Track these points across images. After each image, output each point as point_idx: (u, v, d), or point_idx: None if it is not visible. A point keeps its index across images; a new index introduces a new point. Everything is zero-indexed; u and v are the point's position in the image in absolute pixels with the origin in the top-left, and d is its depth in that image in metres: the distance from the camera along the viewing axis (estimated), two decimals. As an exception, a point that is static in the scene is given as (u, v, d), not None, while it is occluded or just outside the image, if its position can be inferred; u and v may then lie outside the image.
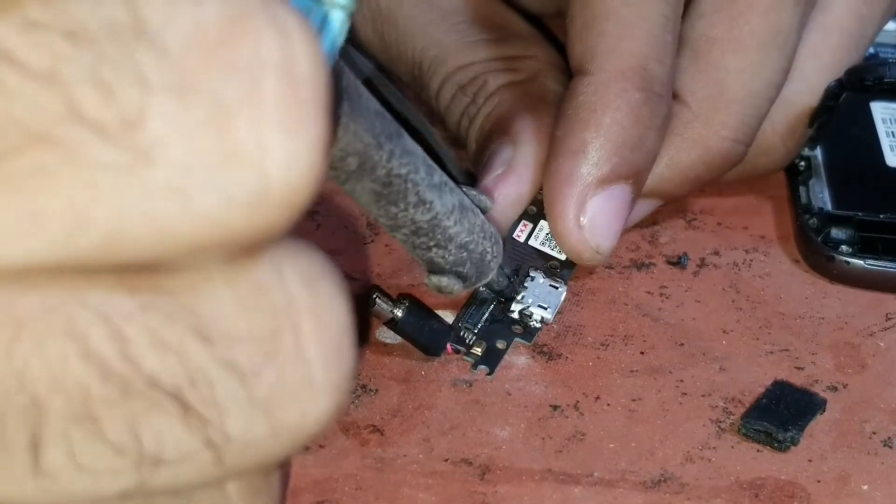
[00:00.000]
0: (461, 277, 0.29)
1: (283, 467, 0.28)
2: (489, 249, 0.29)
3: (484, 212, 0.30)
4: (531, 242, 0.34)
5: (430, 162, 0.26)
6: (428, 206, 0.26)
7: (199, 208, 0.15)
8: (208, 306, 0.17)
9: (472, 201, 0.29)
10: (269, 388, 0.17)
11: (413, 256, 0.28)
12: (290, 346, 0.17)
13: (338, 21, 0.19)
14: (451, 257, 0.28)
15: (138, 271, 0.16)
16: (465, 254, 0.28)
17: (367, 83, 0.24)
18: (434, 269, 0.29)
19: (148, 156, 0.15)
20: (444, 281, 0.29)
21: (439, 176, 0.26)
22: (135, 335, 0.16)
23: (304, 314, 0.17)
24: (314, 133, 0.16)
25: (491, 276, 0.30)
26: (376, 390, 0.31)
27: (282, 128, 0.16)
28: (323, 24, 0.19)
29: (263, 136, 0.15)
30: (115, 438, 0.16)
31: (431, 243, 0.27)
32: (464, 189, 0.29)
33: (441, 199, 0.26)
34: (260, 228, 0.16)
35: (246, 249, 0.17)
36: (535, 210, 0.34)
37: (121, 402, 0.16)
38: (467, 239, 0.28)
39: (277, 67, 0.16)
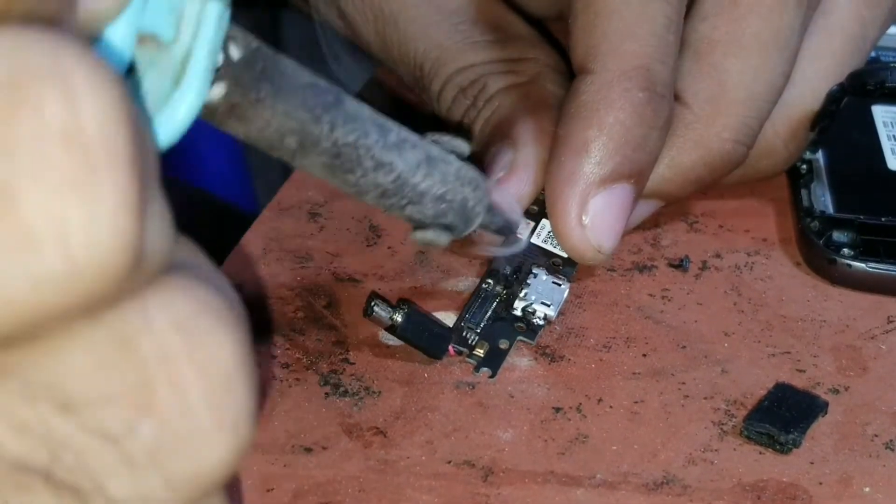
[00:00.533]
0: (448, 228, 0.28)
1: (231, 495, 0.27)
2: (470, 195, 0.28)
3: (461, 157, 0.29)
4: (533, 240, 0.34)
5: (384, 122, 0.25)
6: (388, 167, 0.25)
7: (5, 292, 0.14)
8: (66, 374, 0.16)
9: (445, 148, 0.28)
10: (149, 443, 0.16)
11: (392, 215, 0.28)
12: (168, 397, 0.16)
13: (214, 14, 0.19)
14: (429, 211, 0.27)
15: None
16: (444, 205, 0.27)
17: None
18: (417, 224, 0.28)
19: None
20: (430, 235, 0.28)
21: (396, 135, 0.25)
22: None
23: (180, 359, 0.16)
24: (115, 196, 0.15)
25: (479, 220, 0.29)
26: (379, 392, 0.31)
27: (76, 200, 0.14)
28: (200, 16, 0.19)
29: (57, 211, 0.14)
30: None
31: (403, 202, 0.26)
32: (434, 138, 0.28)
33: (402, 157, 0.26)
34: (81, 299, 0.15)
35: (91, 311, 0.15)
36: (537, 209, 0.34)
37: None
38: (443, 190, 0.27)
39: (62, 133, 0.14)
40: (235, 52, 0.20)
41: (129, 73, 0.18)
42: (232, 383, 0.17)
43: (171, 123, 0.19)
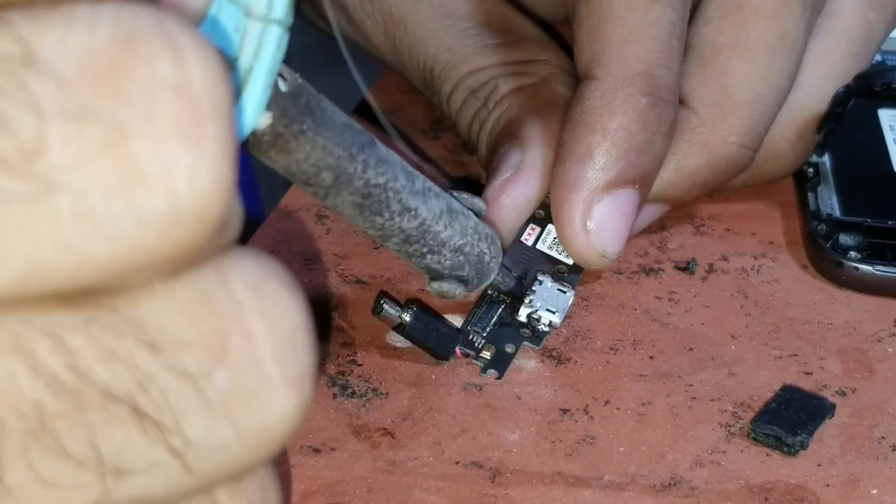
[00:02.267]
0: (462, 281, 0.29)
1: (280, 470, 0.28)
2: (486, 250, 0.29)
3: (478, 214, 0.30)
4: (539, 246, 0.34)
5: (411, 169, 0.26)
6: (413, 212, 0.26)
7: (111, 231, 0.16)
8: (153, 316, 0.17)
9: (464, 205, 0.29)
10: (223, 390, 0.17)
11: (412, 264, 0.28)
12: (241, 348, 0.17)
13: (274, 37, 0.20)
14: (447, 262, 0.28)
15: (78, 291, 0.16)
16: (461, 257, 0.28)
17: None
18: (433, 275, 0.29)
19: (51, 183, 0.15)
20: (445, 286, 0.29)
21: (422, 182, 0.27)
22: (82, 348, 0.16)
23: (253, 316, 0.17)
24: (218, 145, 0.16)
25: (493, 276, 0.30)
26: (387, 394, 0.31)
27: (183, 144, 0.16)
28: (260, 41, 0.19)
29: (165, 153, 0.16)
30: (76, 451, 0.16)
31: (424, 249, 0.27)
32: (454, 194, 0.29)
33: (426, 205, 0.27)
34: (179, 244, 0.16)
35: (181, 263, 0.17)
36: (543, 214, 0.34)
37: (76, 415, 0.16)
38: (461, 242, 0.28)
39: (173, 85, 0.16)
40: (283, 85, 0.21)
41: None
42: (297, 341, 0.18)
43: None
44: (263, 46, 0.19)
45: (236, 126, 0.19)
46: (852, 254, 0.35)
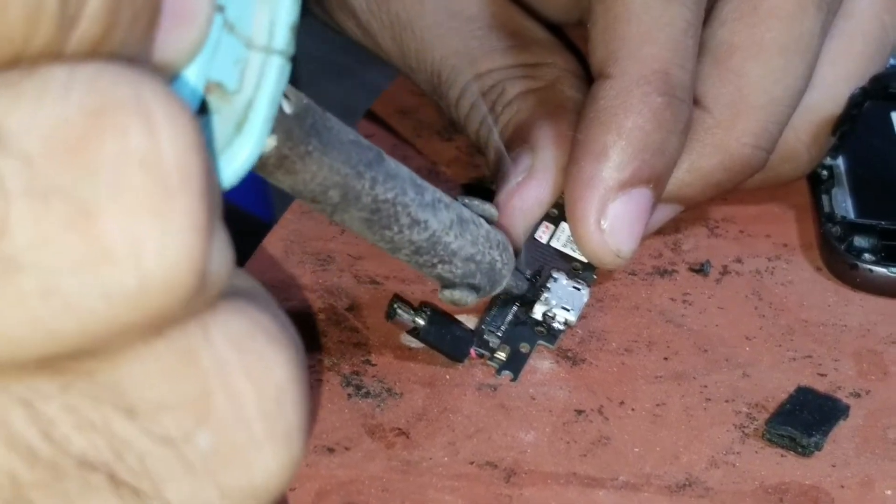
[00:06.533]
0: (474, 288, 0.29)
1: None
2: (498, 258, 0.29)
3: (490, 221, 0.30)
4: (553, 244, 0.34)
5: (420, 182, 0.26)
6: (423, 225, 0.26)
7: (78, 307, 0.15)
8: (131, 380, 0.16)
9: (475, 212, 0.29)
10: (206, 451, 0.17)
11: (422, 274, 0.28)
12: (225, 408, 0.17)
13: (276, 67, 0.19)
14: (458, 271, 0.28)
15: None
16: (472, 265, 0.28)
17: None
18: (445, 283, 0.29)
19: (15, 263, 0.15)
20: (457, 294, 0.29)
21: (431, 194, 0.27)
22: (57, 416, 0.16)
23: (237, 374, 0.17)
24: (187, 218, 0.16)
25: (505, 282, 0.30)
26: (401, 394, 0.31)
27: (150, 219, 0.15)
28: (262, 72, 0.19)
29: (133, 230, 0.15)
30: None
31: (435, 260, 0.28)
32: (465, 201, 0.29)
33: (436, 217, 0.27)
34: (149, 316, 0.16)
35: (158, 328, 0.16)
36: (557, 212, 0.34)
37: (52, 484, 0.16)
38: (472, 251, 0.28)
39: (142, 159, 0.15)
40: (288, 107, 0.21)
41: (199, 115, 0.19)
42: (284, 397, 0.18)
43: (232, 167, 0.20)
44: (265, 78, 0.19)
45: (227, 175, 0.19)
46: (867, 256, 0.35)
